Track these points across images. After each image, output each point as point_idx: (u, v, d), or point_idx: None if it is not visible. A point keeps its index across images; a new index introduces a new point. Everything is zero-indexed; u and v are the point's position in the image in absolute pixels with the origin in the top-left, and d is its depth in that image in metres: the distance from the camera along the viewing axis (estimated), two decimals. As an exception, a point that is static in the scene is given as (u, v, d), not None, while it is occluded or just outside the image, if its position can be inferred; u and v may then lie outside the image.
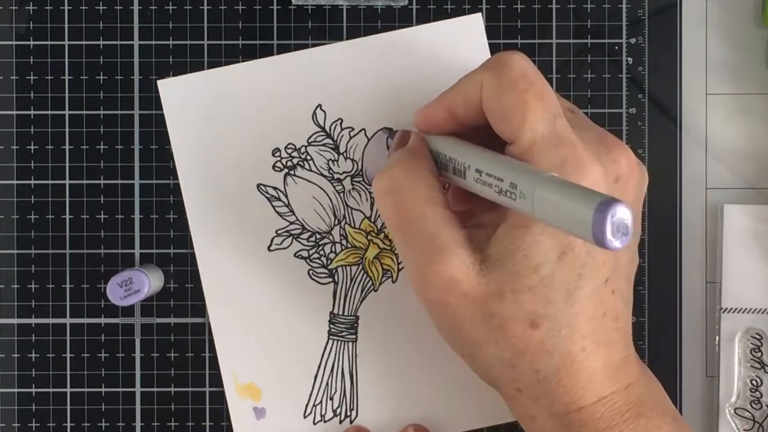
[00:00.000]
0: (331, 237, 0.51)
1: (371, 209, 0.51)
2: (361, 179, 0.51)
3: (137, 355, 0.52)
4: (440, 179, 0.43)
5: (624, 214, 0.32)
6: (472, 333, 0.40)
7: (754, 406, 0.51)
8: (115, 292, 0.50)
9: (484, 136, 0.43)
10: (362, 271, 0.51)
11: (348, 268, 0.51)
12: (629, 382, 0.41)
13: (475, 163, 0.41)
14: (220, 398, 0.52)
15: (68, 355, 0.52)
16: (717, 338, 0.52)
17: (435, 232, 0.40)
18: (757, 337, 0.51)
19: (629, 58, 0.52)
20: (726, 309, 0.52)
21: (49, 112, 0.52)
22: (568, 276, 0.39)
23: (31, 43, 0.52)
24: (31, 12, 0.52)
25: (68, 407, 0.52)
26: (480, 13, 0.52)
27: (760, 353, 0.51)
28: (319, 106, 0.51)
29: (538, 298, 0.39)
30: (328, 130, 0.51)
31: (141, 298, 0.49)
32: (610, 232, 0.32)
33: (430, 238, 0.40)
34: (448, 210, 0.41)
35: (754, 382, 0.51)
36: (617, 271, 0.41)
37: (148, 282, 0.49)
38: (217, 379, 0.52)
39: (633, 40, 0.52)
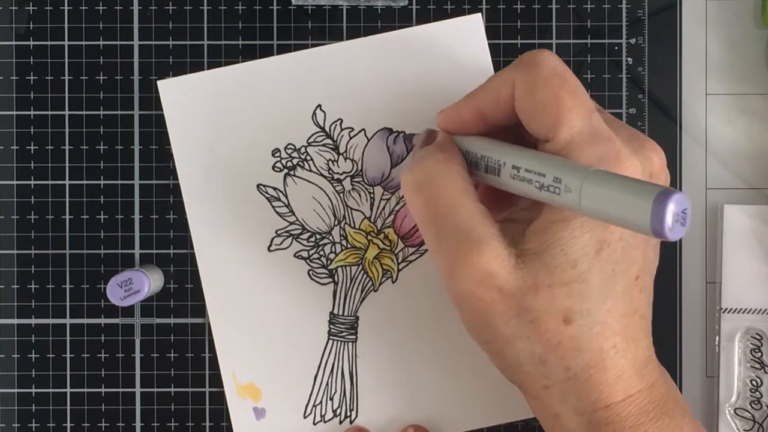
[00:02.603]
0: (331, 237, 0.51)
1: (371, 209, 0.51)
2: (361, 180, 0.51)
3: (137, 355, 0.52)
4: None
5: (683, 204, 0.32)
6: (504, 328, 0.40)
7: (754, 406, 0.51)
8: (115, 292, 0.50)
9: (511, 136, 0.43)
10: (362, 272, 0.51)
11: (348, 268, 0.51)
12: (653, 381, 0.41)
13: (511, 159, 0.40)
14: (220, 398, 0.52)
15: (68, 355, 0.52)
16: (717, 338, 0.52)
17: (469, 225, 0.40)
18: (757, 337, 0.51)
19: (629, 58, 0.52)
20: (726, 309, 0.52)
21: (49, 112, 0.52)
22: (603, 272, 0.39)
23: (31, 43, 0.52)
24: (31, 12, 0.52)
25: (68, 407, 0.52)
26: (480, 14, 0.52)
27: (760, 353, 0.51)
28: (319, 106, 0.51)
29: (573, 293, 0.39)
30: (327, 130, 0.51)
31: (141, 298, 0.49)
32: (670, 223, 0.32)
33: (465, 230, 0.40)
34: (480, 204, 0.41)
35: (754, 382, 0.51)
36: (645, 268, 0.41)
37: (148, 282, 0.49)
38: (217, 379, 0.52)
39: (633, 40, 0.52)
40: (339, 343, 0.51)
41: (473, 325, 0.42)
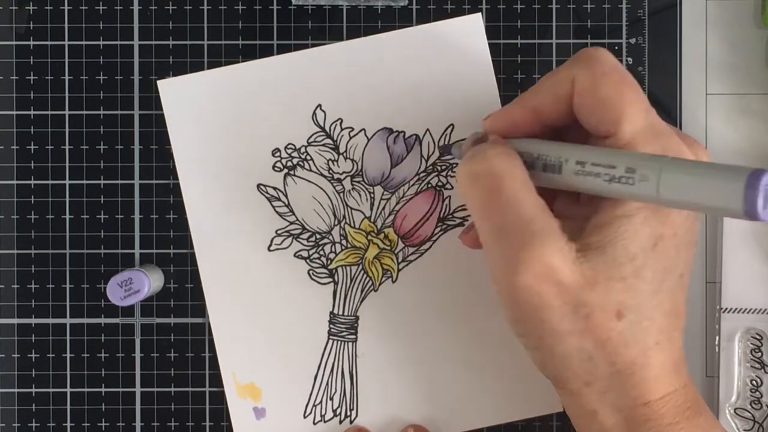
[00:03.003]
0: (331, 237, 0.51)
1: (371, 209, 0.51)
2: (361, 179, 0.51)
3: (137, 355, 0.52)
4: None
5: None
6: (557, 324, 0.40)
7: (754, 406, 0.51)
8: (115, 292, 0.50)
9: (562, 137, 0.43)
10: (362, 271, 0.51)
11: (348, 268, 0.51)
12: (686, 381, 0.41)
13: (575, 155, 0.40)
14: (220, 398, 0.52)
15: (68, 355, 0.52)
16: (717, 338, 0.52)
17: (532, 217, 0.39)
18: (757, 337, 0.51)
19: (629, 58, 0.52)
20: (726, 309, 0.52)
21: (49, 112, 0.52)
22: (656, 267, 0.39)
23: (31, 43, 0.52)
24: (31, 12, 0.52)
25: (68, 407, 0.52)
26: (480, 13, 0.52)
27: (760, 353, 0.51)
28: (319, 106, 0.51)
29: (629, 288, 0.39)
30: (327, 130, 0.51)
31: (141, 298, 0.49)
32: (762, 203, 0.32)
33: (527, 222, 0.39)
34: (540, 198, 0.41)
35: (754, 382, 0.51)
36: (688, 267, 0.41)
37: (148, 282, 0.49)
38: (217, 379, 0.52)
39: (633, 40, 0.52)
40: (339, 342, 0.51)
41: (525, 320, 0.41)
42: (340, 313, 0.51)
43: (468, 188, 0.42)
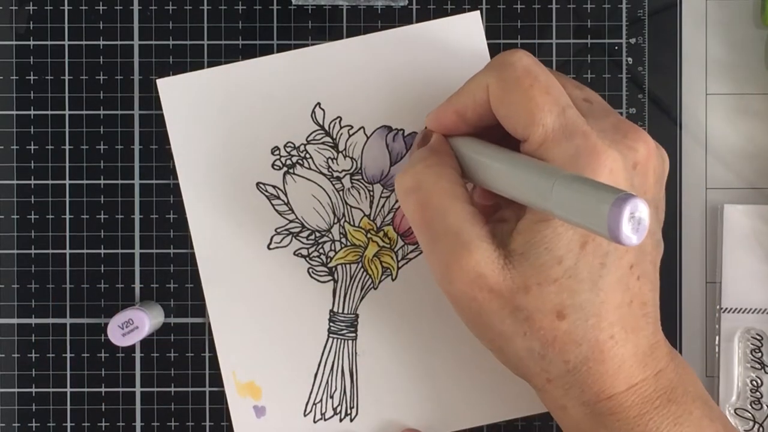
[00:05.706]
0: (330, 235, 0.51)
1: (370, 207, 0.51)
2: (360, 177, 0.51)
3: (137, 355, 0.52)
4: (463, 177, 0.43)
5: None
6: (500, 326, 0.40)
7: (754, 406, 0.51)
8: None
9: (498, 134, 0.43)
10: (362, 269, 0.51)
11: (347, 266, 0.51)
12: (659, 369, 0.41)
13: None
14: (220, 398, 0.52)
15: (68, 355, 0.52)
16: (717, 338, 0.52)
17: (459, 228, 0.40)
18: (757, 337, 0.51)
19: (629, 58, 0.52)
20: (726, 309, 0.51)
21: (49, 112, 0.52)
22: (591, 265, 0.39)
23: (31, 43, 0.52)
24: (31, 12, 0.52)
25: (68, 407, 0.52)
26: (478, 11, 0.52)
27: (760, 353, 0.51)
28: (318, 104, 0.51)
29: (563, 289, 0.39)
30: (327, 128, 0.51)
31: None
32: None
33: (455, 234, 0.40)
34: (471, 205, 0.41)
35: (754, 382, 0.51)
36: (642, 257, 0.41)
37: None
38: (217, 379, 0.52)
39: (633, 40, 0.52)
40: (339, 341, 0.51)
41: (471, 324, 0.42)
42: (340, 311, 0.51)
43: (402, 201, 0.43)
